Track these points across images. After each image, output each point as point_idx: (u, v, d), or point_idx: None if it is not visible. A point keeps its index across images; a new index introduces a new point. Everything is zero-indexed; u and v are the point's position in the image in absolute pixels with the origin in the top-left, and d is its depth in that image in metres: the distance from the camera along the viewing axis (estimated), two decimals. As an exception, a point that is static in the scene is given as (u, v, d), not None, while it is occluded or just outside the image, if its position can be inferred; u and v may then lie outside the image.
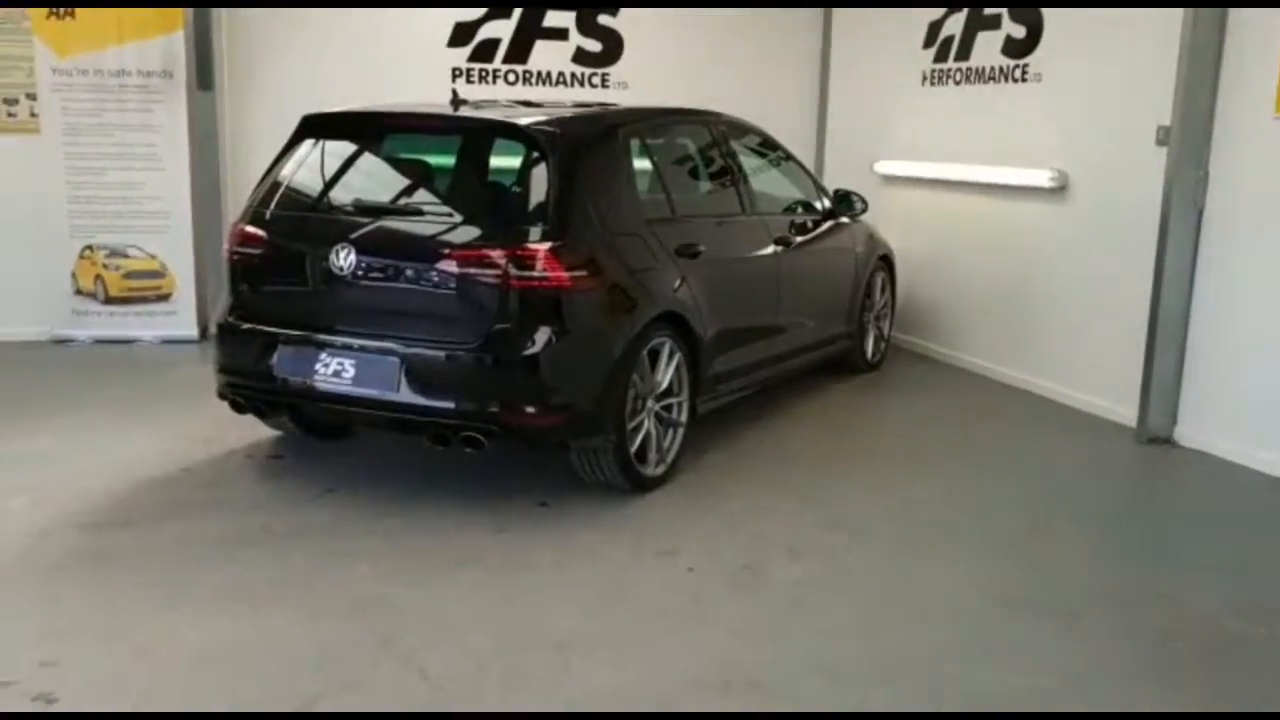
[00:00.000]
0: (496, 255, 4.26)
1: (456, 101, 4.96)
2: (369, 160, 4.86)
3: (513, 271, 4.24)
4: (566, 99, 8.04)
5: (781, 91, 8.90)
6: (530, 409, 4.30)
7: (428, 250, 4.36)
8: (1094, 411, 6.21)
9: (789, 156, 6.47)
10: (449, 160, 4.86)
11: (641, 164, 5.04)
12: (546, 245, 4.29)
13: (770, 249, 5.73)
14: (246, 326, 4.68)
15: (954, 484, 5.08)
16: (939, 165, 7.54)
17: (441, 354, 4.29)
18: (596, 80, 8.51)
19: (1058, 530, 4.56)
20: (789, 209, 6.42)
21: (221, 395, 4.81)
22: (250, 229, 4.74)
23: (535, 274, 4.26)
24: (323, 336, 4.49)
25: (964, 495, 4.95)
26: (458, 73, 8.22)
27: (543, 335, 4.27)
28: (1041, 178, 6.47)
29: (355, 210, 4.66)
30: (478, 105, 5.20)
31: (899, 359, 7.61)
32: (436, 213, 4.57)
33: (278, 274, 4.68)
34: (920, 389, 6.93)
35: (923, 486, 5.02)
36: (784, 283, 5.81)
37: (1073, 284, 6.42)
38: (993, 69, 7.05)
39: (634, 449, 4.65)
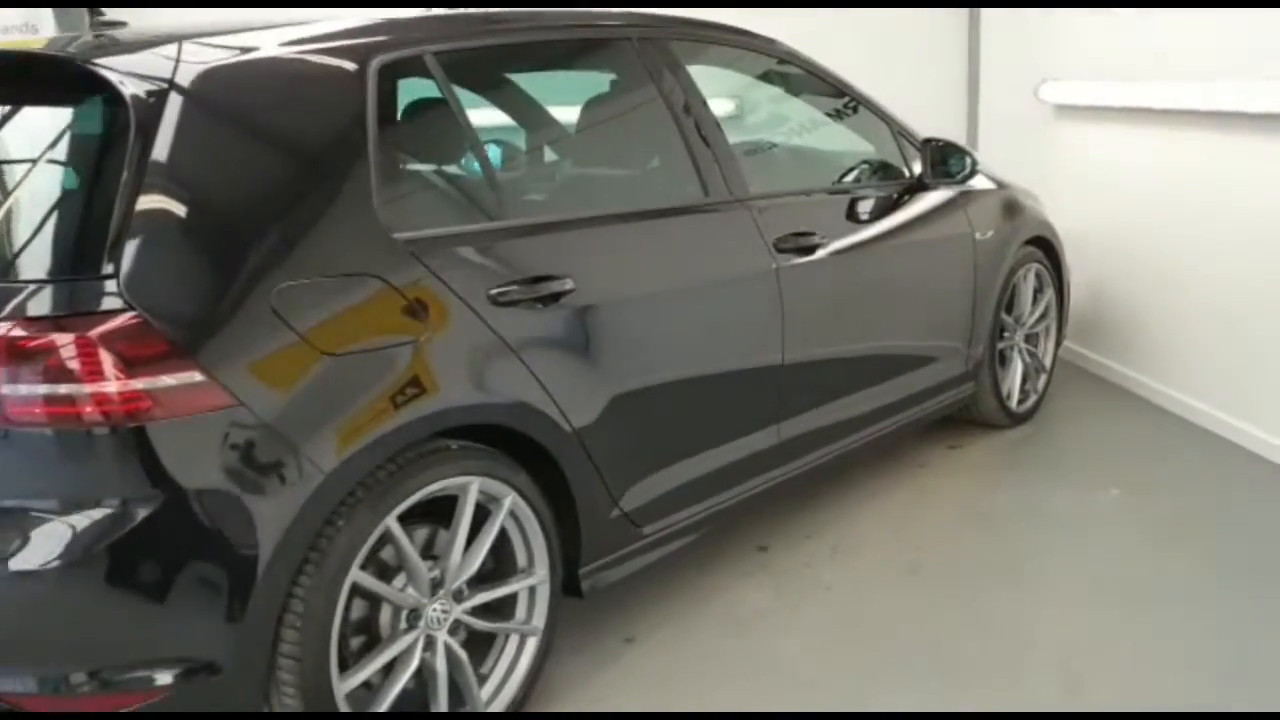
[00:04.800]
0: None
1: (101, 23, 2.61)
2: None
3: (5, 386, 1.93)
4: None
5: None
6: (42, 683, 2.00)
7: None
8: None
9: (842, 93, 3.80)
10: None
11: (434, 124, 2.59)
12: (101, 325, 1.95)
13: (763, 262, 3.13)
14: None
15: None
16: (1144, 86, 4.60)
17: None
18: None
19: None
20: (841, 180, 3.82)
21: None
22: None
23: (61, 388, 1.93)
24: None
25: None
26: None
27: (76, 527, 1.95)
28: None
29: None
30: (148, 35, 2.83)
31: (1071, 389, 4.82)
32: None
33: None
34: (1101, 463, 4.11)
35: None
36: (795, 317, 3.20)
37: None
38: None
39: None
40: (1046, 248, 4.54)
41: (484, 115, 2.86)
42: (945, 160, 3.87)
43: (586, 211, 2.84)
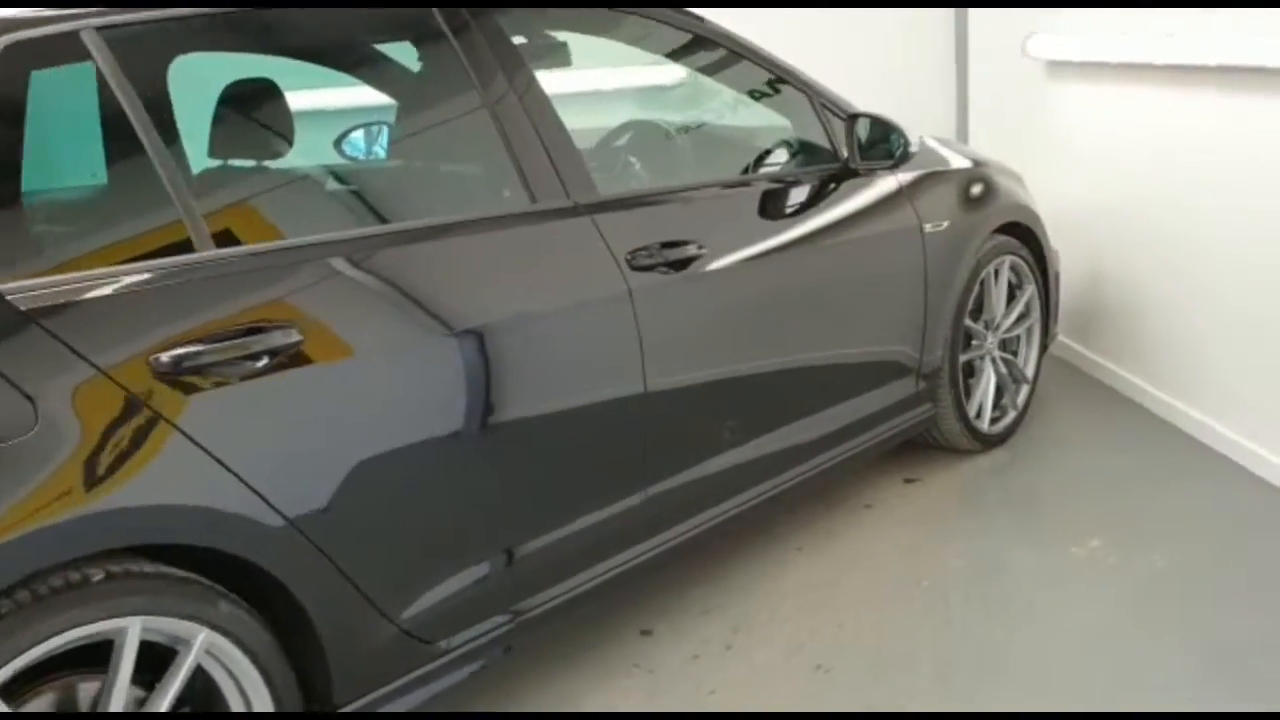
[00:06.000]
0: None
1: None
2: None
3: None
4: None
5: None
6: None
7: None
8: None
9: (750, 60, 3.05)
10: None
11: (91, 128, 1.91)
12: None
13: (609, 283, 2.43)
14: None
15: None
16: (1150, 39, 3.80)
17: None
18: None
19: None
20: (752, 169, 3.13)
21: None
22: None
23: None
24: None
25: None
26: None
27: None
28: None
29: None
30: None
31: (1062, 399, 4.11)
32: None
33: None
34: (1086, 501, 3.37)
35: None
36: (660, 350, 2.51)
37: None
38: None
39: None
40: (1026, 236, 3.79)
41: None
42: (886, 138, 3.13)
43: (327, 234, 2.13)
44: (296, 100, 2.37)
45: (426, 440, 2.10)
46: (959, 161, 3.67)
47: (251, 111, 2.41)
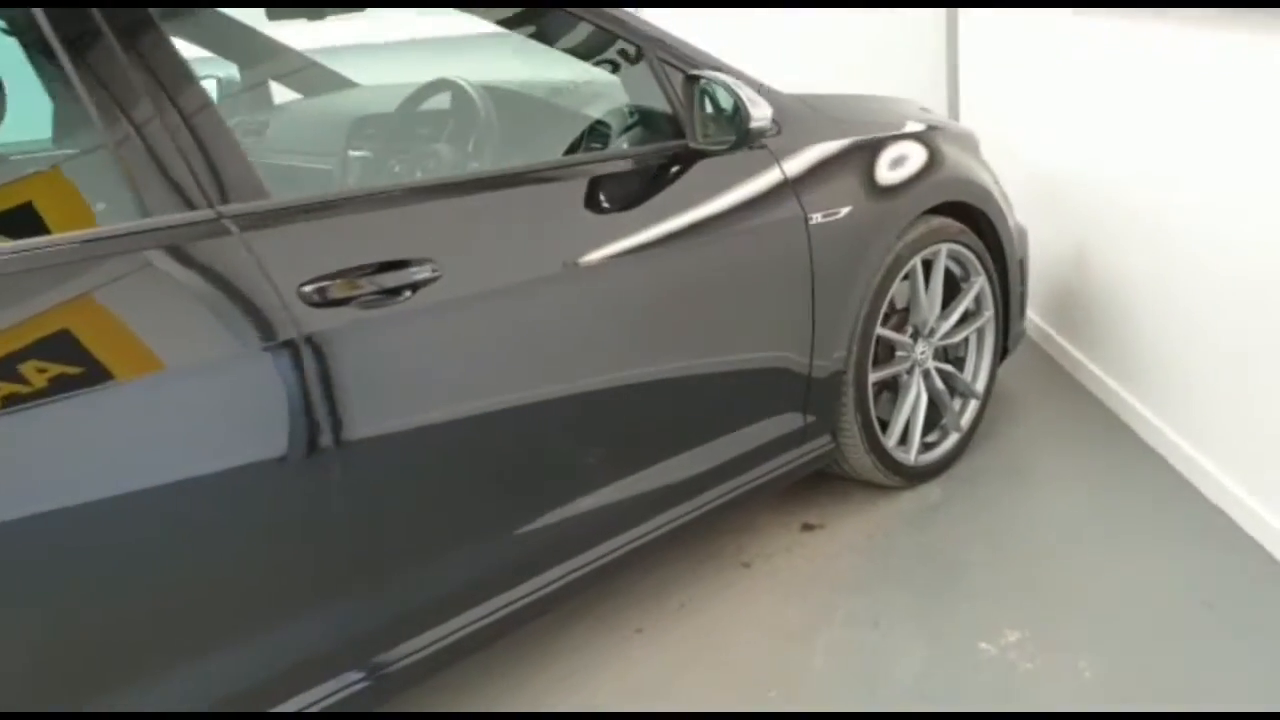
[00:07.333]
0: None
1: None
2: None
3: None
4: None
5: None
6: None
7: None
8: None
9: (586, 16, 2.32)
10: None
11: None
12: None
13: (266, 325, 1.75)
14: None
15: None
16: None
17: None
18: None
19: None
20: (581, 149, 2.45)
21: None
22: None
23: None
24: None
25: None
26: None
27: None
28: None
29: None
30: None
31: (1032, 406, 3.35)
32: None
33: None
34: (1020, 569, 2.64)
35: None
36: (361, 416, 1.84)
37: None
38: None
39: None
40: (979, 220, 3.03)
41: None
42: (723, 114, 2.38)
43: None
44: None
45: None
46: (894, 126, 2.91)
47: None
